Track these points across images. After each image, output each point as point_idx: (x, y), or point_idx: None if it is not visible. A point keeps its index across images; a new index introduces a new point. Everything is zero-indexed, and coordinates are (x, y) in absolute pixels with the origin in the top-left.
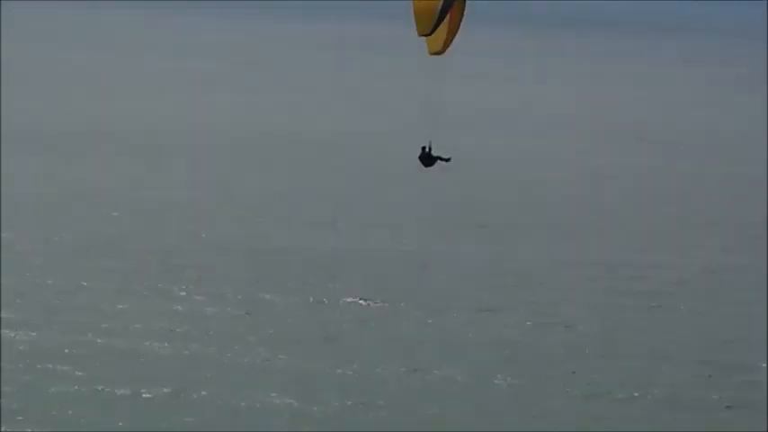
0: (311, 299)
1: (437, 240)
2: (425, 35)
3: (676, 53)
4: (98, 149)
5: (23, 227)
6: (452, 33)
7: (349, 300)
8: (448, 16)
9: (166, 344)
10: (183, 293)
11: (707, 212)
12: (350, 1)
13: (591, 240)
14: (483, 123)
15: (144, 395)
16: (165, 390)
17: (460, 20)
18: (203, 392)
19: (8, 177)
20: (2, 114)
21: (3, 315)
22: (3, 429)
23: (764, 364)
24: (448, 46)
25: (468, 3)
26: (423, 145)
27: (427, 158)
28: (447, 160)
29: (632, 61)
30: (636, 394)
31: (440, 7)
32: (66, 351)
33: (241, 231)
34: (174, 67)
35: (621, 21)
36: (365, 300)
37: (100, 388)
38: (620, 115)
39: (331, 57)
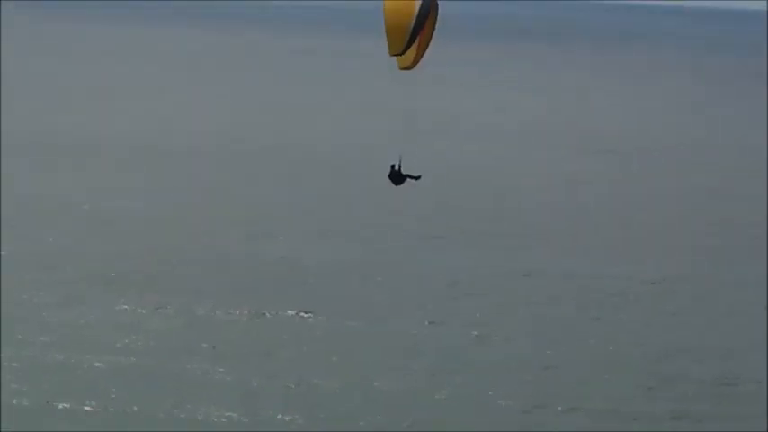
0: (252, 310)
1: (387, 251)
2: (397, 55)
3: (648, 63)
4: (59, 158)
5: None
6: (423, 49)
7: (291, 312)
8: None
9: (106, 356)
10: (125, 306)
11: (658, 223)
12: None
13: (541, 250)
14: (446, 133)
15: (85, 408)
16: (106, 403)
17: (431, 36)
18: (143, 405)
19: None
20: None
21: None
22: None
23: (705, 375)
24: (418, 61)
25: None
26: (392, 163)
27: (397, 177)
28: (417, 178)
29: (604, 71)
30: (578, 406)
31: (412, 26)
32: (4, 364)
33: (183, 242)
34: (155, 75)
35: (592, 31)
36: (307, 312)
37: (40, 401)
38: (587, 124)
39: (300, 67)
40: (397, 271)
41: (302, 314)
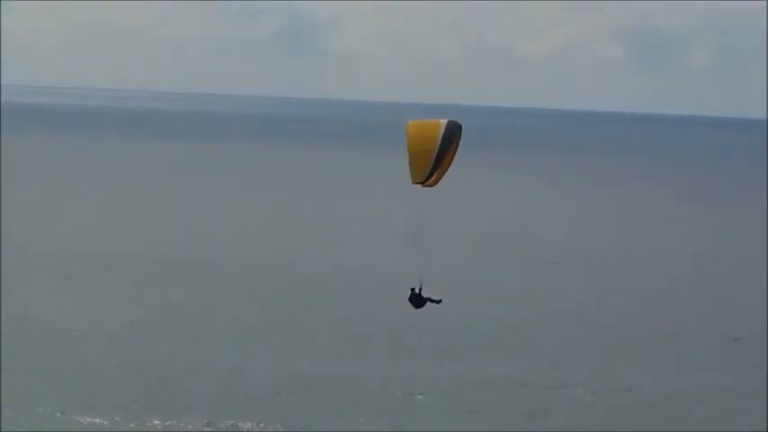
0: (208, 423)
1: (346, 362)
2: (420, 182)
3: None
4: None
5: None
6: (445, 169)
7: (249, 424)
8: None
9: None
10: (77, 418)
11: (623, 331)
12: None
13: (503, 361)
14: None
15: None
16: None
17: (453, 157)
18: None
19: None
20: None
21: None
22: None
23: None
24: (439, 180)
25: None
26: (412, 286)
27: (417, 300)
28: (438, 302)
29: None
30: None
31: (436, 153)
32: None
33: (135, 354)
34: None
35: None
36: (263, 422)
37: None
38: (538, 235)
39: (313, 181)
40: (356, 382)
41: (259, 425)
